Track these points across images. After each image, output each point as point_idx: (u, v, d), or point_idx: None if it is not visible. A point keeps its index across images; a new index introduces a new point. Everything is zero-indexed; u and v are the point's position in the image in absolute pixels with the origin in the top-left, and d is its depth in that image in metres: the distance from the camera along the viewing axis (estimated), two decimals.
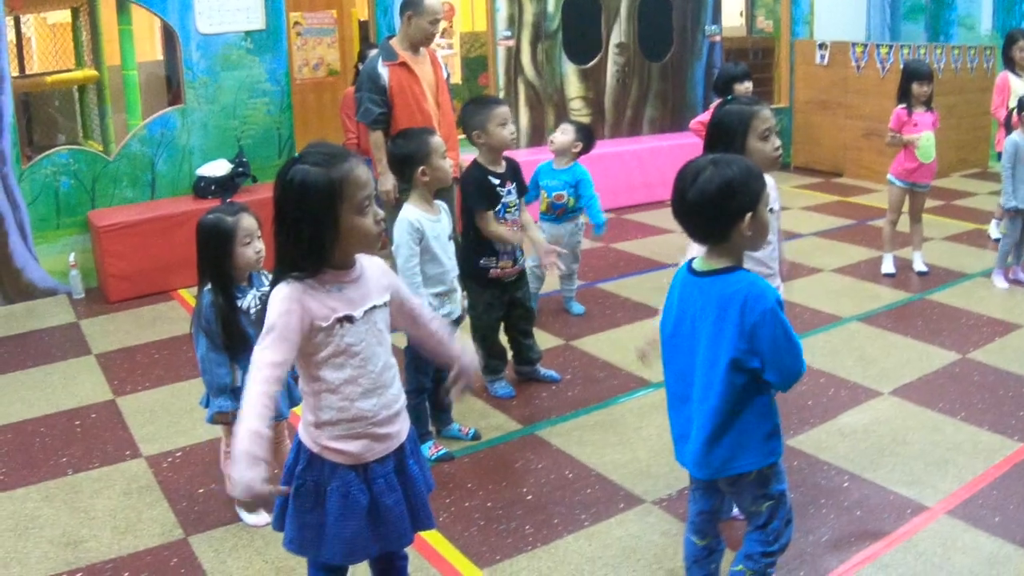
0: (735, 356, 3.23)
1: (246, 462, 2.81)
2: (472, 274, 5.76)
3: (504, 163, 5.86)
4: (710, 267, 3.34)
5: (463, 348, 3.54)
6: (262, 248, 4.42)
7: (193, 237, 4.42)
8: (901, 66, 12.43)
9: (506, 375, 6.17)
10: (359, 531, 3.12)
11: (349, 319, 3.04)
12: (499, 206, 5.75)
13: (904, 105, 8.25)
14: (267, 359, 2.93)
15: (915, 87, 8.17)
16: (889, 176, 8.48)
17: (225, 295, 4.36)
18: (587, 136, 7.41)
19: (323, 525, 3.11)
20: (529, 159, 6.49)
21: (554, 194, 7.14)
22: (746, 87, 8.04)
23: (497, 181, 5.76)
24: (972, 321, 7.30)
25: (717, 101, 8.39)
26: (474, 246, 5.78)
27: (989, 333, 7.04)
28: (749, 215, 3.20)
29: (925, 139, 8.15)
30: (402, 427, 3.26)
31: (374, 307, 3.13)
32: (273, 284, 3.04)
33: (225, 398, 4.42)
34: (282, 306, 2.95)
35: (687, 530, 3.80)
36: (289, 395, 4.57)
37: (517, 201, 5.88)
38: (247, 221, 4.39)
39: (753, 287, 3.22)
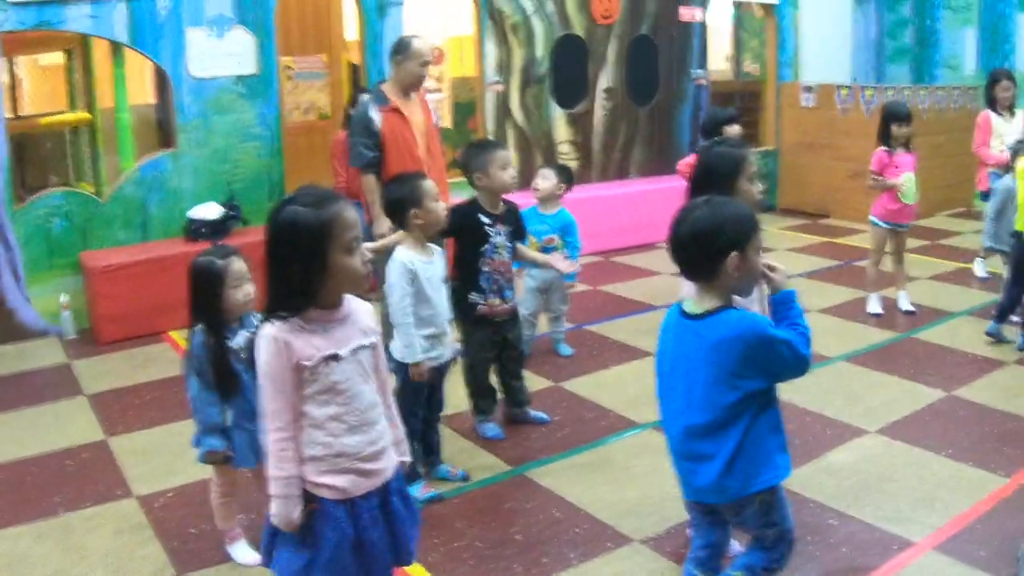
0: (751, 389, 3.37)
1: (283, 505, 3.11)
2: (462, 310, 5.81)
3: (502, 206, 5.92)
4: (702, 309, 3.44)
5: (401, 439, 3.55)
6: (252, 291, 4.45)
7: (185, 279, 4.46)
8: None
9: (496, 416, 6.20)
10: (347, 564, 3.16)
11: (335, 357, 3.11)
12: (487, 246, 5.79)
13: (885, 147, 8.31)
14: (271, 408, 3.07)
15: (894, 128, 8.23)
16: (871, 217, 8.55)
17: (216, 336, 4.38)
18: (568, 176, 7.52)
19: (313, 559, 3.15)
20: (519, 202, 6.56)
21: (544, 238, 7.18)
22: (735, 129, 8.12)
23: (488, 221, 5.79)
24: (957, 359, 7.37)
25: (705, 144, 8.49)
26: (463, 282, 5.83)
27: (974, 370, 7.10)
28: (735, 254, 3.29)
29: (907, 181, 8.22)
30: (388, 464, 3.30)
31: (360, 347, 3.20)
32: (262, 323, 3.11)
33: (216, 437, 4.43)
34: (269, 349, 3.04)
35: (689, 564, 3.85)
36: None
37: (508, 244, 5.89)
38: (237, 265, 4.44)
39: (743, 322, 3.35)
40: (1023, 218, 7.34)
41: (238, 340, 4.42)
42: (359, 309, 3.26)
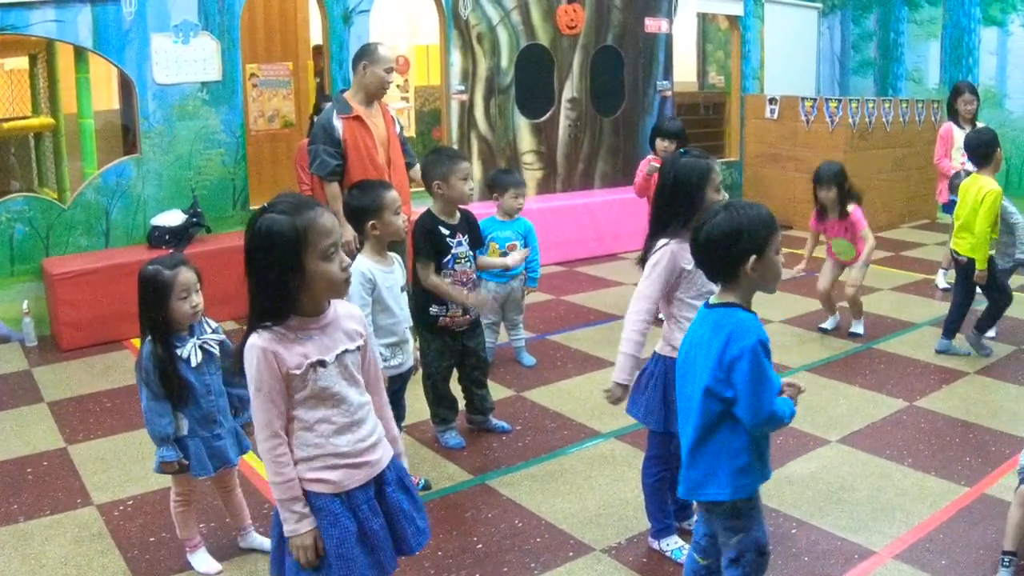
0: (709, 384, 3.38)
1: (289, 509, 3.15)
2: (423, 322, 5.79)
3: (458, 215, 5.91)
4: (718, 301, 3.50)
5: (396, 438, 3.55)
6: (199, 303, 4.40)
7: None
8: (850, 120, 12.71)
9: (457, 425, 6.19)
10: (356, 556, 3.16)
11: (322, 363, 3.12)
12: (448, 257, 5.78)
13: (817, 209, 8.33)
14: (263, 419, 3.10)
15: (816, 191, 8.24)
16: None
17: (164, 345, 4.34)
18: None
19: (323, 556, 3.16)
20: (482, 211, 6.60)
21: (507, 245, 7.19)
22: (664, 144, 8.15)
23: (447, 232, 5.79)
24: (919, 369, 7.42)
25: (650, 156, 8.52)
26: (424, 294, 5.81)
27: (936, 381, 7.15)
28: (753, 258, 3.35)
29: (836, 246, 8.34)
30: (383, 455, 3.31)
31: (345, 351, 3.20)
32: (245, 335, 3.11)
33: (168, 448, 4.38)
34: (259, 361, 3.05)
35: (691, 548, 3.86)
36: (239, 443, 4.58)
37: (469, 253, 5.89)
38: (185, 276, 4.36)
39: (741, 324, 3.37)
40: (966, 239, 7.39)
41: (187, 349, 4.38)
42: (344, 314, 3.27)
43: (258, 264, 3.04)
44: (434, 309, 5.82)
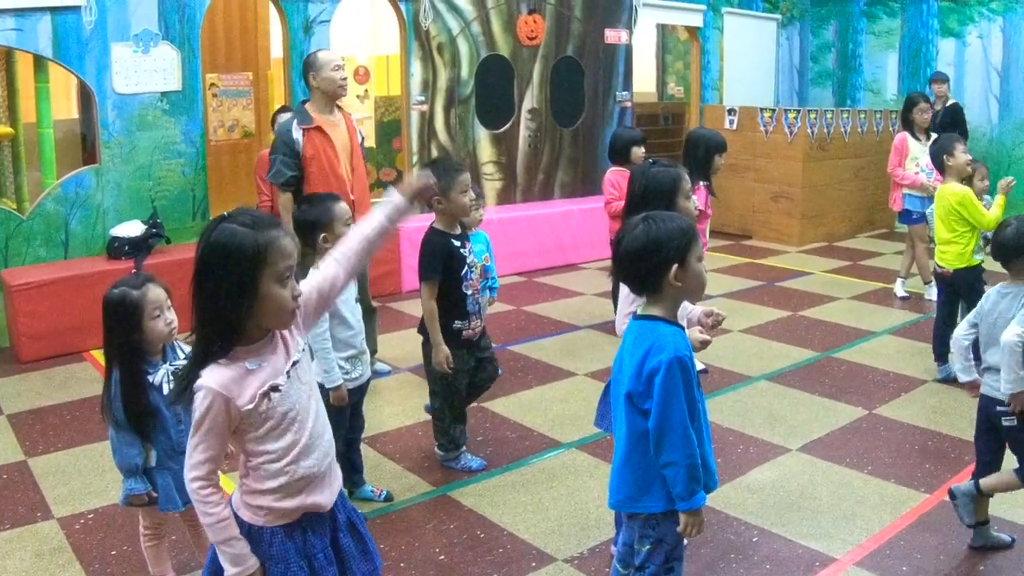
0: (630, 390, 3.40)
1: (230, 549, 2.92)
2: (445, 339, 5.67)
3: (459, 226, 5.81)
4: (643, 313, 3.49)
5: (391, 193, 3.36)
6: (174, 319, 4.19)
7: None
8: (809, 130, 12.79)
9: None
10: None
11: (275, 388, 2.91)
12: (464, 268, 5.66)
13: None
14: (200, 458, 2.87)
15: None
16: None
17: (134, 373, 4.10)
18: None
19: None
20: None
21: (483, 257, 7.16)
22: (640, 152, 8.19)
23: (458, 244, 5.66)
24: (878, 377, 7.48)
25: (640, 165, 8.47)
26: (446, 309, 5.65)
27: (895, 389, 7.22)
28: (675, 267, 3.33)
29: None
30: (337, 481, 3.17)
31: (295, 363, 3.01)
32: (193, 366, 2.89)
33: (136, 480, 4.15)
34: (210, 404, 2.83)
35: (615, 559, 3.85)
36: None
37: (474, 261, 5.78)
38: (154, 293, 4.14)
39: (661, 338, 3.35)
40: (947, 251, 7.12)
41: (159, 376, 4.14)
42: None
43: (210, 278, 2.82)
44: (457, 324, 5.68)
